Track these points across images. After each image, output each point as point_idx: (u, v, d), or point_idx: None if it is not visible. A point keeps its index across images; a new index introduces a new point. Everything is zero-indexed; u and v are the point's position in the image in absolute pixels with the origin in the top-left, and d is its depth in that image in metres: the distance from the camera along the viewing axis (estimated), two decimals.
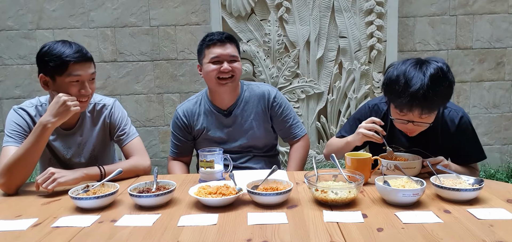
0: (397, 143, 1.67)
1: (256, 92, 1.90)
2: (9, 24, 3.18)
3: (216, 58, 1.76)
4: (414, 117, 1.44)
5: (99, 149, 1.74)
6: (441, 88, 1.39)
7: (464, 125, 1.60)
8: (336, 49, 3.20)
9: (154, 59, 3.29)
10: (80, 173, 1.48)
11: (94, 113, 1.71)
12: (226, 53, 1.76)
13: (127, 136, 1.73)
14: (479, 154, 1.63)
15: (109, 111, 1.73)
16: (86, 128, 1.70)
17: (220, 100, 1.87)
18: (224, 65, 1.75)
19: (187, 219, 1.16)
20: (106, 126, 1.73)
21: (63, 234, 1.09)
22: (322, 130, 3.31)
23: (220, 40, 1.77)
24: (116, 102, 1.77)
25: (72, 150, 1.68)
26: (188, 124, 1.90)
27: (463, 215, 1.14)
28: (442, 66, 1.41)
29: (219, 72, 1.76)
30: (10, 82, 3.26)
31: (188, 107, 1.91)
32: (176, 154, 1.96)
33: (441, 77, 1.39)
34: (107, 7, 3.18)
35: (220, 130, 1.88)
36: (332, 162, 1.47)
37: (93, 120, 1.71)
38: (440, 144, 1.61)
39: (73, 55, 1.49)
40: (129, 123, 1.77)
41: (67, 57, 1.48)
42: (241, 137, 1.88)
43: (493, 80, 3.39)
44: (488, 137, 3.46)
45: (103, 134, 1.73)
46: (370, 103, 1.75)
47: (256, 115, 1.88)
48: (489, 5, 3.26)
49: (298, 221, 1.13)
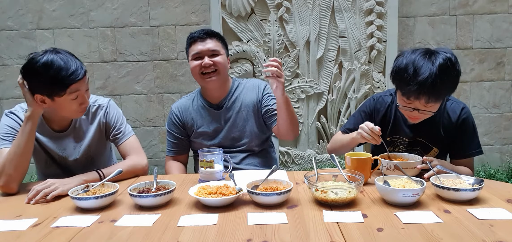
0: (401, 134, 1.71)
1: (247, 85, 1.94)
2: (9, 24, 3.18)
3: (197, 55, 1.80)
4: (420, 105, 1.48)
5: (95, 148, 1.73)
6: (449, 78, 1.43)
7: (465, 117, 1.63)
8: (336, 49, 3.20)
9: (154, 59, 3.29)
10: (79, 179, 1.47)
11: (89, 114, 1.71)
12: (206, 49, 1.80)
13: (123, 135, 1.73)
14: (477, 147, 1.65)
15: (104, 111, 1.73)
16: (81, 129, 1.70)
17: (210, 95, 1.90)
18: (205, 60, 1.79)
19: (187, 219, 1.16)
20: (101, 126, 1.73)
21: (63, 234, 1.09)
22: (322, 130, 3.31)
23: (200, 37, 1.81)
24: (110, 102, 1.77)
25: (67, 151, 1.68)
26: (182, 120, 1.92)
27: (463, 215, 1.14)
28: (450, 56, 1.44)
29: (201, 68, 1.80)
30: (10, 82, 3.26)
31: (182, 104, 1.95)
32: (173, 152, 1.96)
33: (449, 67, 1.42)
34: (107, 7, 3.18)
35: (211, 124, 1.90)
36: (332, 162, 1.47)
37: (89, 120, 1.71)
38: (442, 134, 1.64)
39: (70, 77, 1.44)
40: (125, 121, 1.77)
41: (66, 79, 1.43)
42: (233, 130, 1.89)
43: (493, 80, 3.39)
44: (488, 137, 3.46)
45: (99, 134, 1.73)
46: (375, 96, 1.80)
47: (246, 107, 1.89)
48: (489, 5, 3.26)
49: (298, 221, 1.13)
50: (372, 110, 1.76)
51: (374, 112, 1.76)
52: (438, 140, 1.65)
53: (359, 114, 1.79)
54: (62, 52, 1.47)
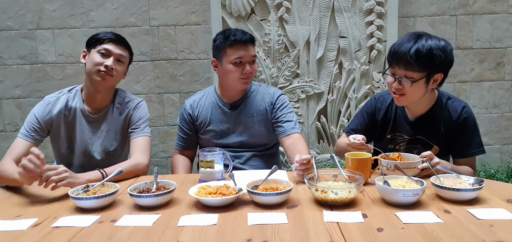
0: (401, 131, 1.72)
1: (262, 92, 1.93)
2: (9, 24, 3.18)
3: (239, 59, 1.77)
4: (400, 73, 1.53)
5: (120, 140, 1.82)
6: (431, 49, 1.48)
7: (466, 115, 1.63)
8: (336, 49, 3.20)
9: (154, 59, 3.29)
10: (84, 179, 1.46)
11: (123, 105, 1.81)
12: (249, 55, 1.78)
13: (137, 131, 1.78)
14: (479, 146, 1.65)
15: (134, 106, 1.82)
16: (112, 116, 1.79)
17: (229, 95, 1.91)
18: (247, 67, 1.78)
19: (187, 219, 1.16)
20: (127, 119, 1.81)
21: (63, 234, 1.09)
22: (322, 130, 3.31)
23: (243, 41, 1.76)
24: (143, 102, 1.86)
25: (96, 136, 1.77)
26: (193, 115, 1.93)
27: (463, 215, 1.14)
28: (443, 41, 1.52)
29: (242, 74, 1.78)
30: (10, 82, 3.26)
31: (195, 100, 1.96)
32: (181, 147, 1.99)
33: (438, 45, 1.49)
34: (107, 7, 3.18)
35: (221, 123, 1.90)
36: (332, 162, 1.48)
37: (119, 111, 1.80)
38: (442, 132, 1.65)
39: (107, 34, 1.75)
40: (147, 123, 1.83)
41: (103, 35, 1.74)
42: (243, 132, 1.89)
43: (493, 80, 3.39)
44: (488, 137, 3.46)
45: (124, 128, 1.81)
46: (376, 95, 1.83)
47: (258, 113, 1.89)
48: (489, 5, 3.26)
49: (298, 221, 1.13)
50: (373, 109, 1.78)
51: (375, 111, 1.77)
52: (438, 137, 1.66)
53: (361, 115, 1.82)
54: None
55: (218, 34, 1.85)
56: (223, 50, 1.79)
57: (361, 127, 1.79)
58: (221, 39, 1.79)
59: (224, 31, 1.83)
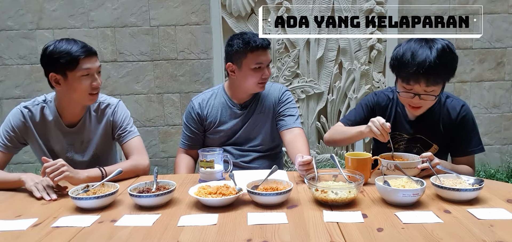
0: (401, 130, 1.72)
1: (270, 89, 1.95)
2: (9, 24, 3.18)
3: (259, 65, 1.78)
4: (420, 89, 1.50)
5: (102, 148, 1.75)
6: (446, 58, 1.47)
7: (465, 113, 1.63)
8: (336, 49, 3.20)
9: (154, 59, 3.29)
10: (83, 175, 1.47)
11: (99, 112, 1.74)
12: (268, 60, 1.82)
13: (127, 134, 1.74)
14: (478, 144, 1.65)
15: (113, 110, 1.75)
16: (91, 125, 1.72)
17: (240, 96, 1.91)
18: (266, 72, 1.81)
19: (187, 219, 1.16)
20: (108, 125, 1.75)
21: (63, 234, 1.09)
22: (322, 130, 3.31)
23: (264, 47, 1.78)
24: (120, 102, 1.80)
25: (74, 147, 1.70)
26: (202, 115, 1.92)
27: (463, 215, 1.14)
28: (447, 42, 1.51)
29: (260, 79, 1.81)
30: (10, 82, 3.26)
31: (204, 99, 1.94)
32: (186, 146, 1.97)
33: (447, 51, 1.48)
34: (107, 7, 3.18)
35: (232, 122, 1.90)
36: (332, 162, 1.48)
37: (97, 118, 1.74)
38: (441, 131, 1.65)
39: (81, 50, 1.55)
40: (131, 122, 1.79)
41: (76, 52, 1.53)
42: (250, 131, 1.91)
43: (493, 80, 3.39)
44: (488, 137, 3.46)
45: (106, 133, 1.75)
46: (377, 91, 1.82)
47: (266, 110, 1.91)
48: (489, 5, 3.26)
49: (298, 221, 1.13)
50: (374, 104, 1.77)
51: (375, 107, 1.77)
52: (438, 136, 1.66)
53: (360, 108, 1.80)
54: (73, 39, 1.60)
55: (233, 38, 1.81)
56: (243, 56, 1.78)
57: (359, 119, 1.77)
58: (241, 45, 1.77)
59: (240, 35, 1.80)
